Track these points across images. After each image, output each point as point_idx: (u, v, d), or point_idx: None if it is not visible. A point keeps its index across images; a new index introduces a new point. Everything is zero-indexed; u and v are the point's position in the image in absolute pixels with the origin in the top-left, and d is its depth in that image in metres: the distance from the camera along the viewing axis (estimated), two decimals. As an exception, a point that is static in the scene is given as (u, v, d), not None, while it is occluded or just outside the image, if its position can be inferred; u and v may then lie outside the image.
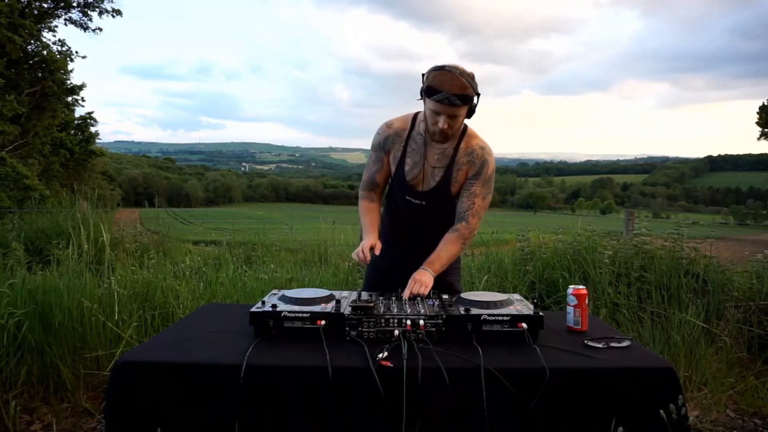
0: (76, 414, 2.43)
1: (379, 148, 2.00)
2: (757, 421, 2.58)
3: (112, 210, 6.18)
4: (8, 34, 13.94)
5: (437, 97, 1.73)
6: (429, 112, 1.81)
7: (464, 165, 1.92)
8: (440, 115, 1.77)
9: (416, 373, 1.34)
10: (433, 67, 1.78)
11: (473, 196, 1.93)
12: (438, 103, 1.74)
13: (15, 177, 13.95)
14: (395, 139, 1.96)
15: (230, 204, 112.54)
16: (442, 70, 1.75)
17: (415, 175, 1.94)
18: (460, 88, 1.72)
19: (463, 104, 1.75)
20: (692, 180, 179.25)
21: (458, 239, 1.93)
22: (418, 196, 1.97)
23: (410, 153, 1.94)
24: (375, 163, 2.02)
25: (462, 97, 1.73)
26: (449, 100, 1.73)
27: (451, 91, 1.72)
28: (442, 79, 1.73)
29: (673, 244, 3.67)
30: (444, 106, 1.74)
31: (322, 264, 4.80)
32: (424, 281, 1.79)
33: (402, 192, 1.99)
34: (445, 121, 1.77)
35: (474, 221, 1.94)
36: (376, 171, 2.02)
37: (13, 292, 2.69)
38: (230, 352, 1.45)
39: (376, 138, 1.99)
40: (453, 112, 1.76)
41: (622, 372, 1.42)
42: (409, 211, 2.00)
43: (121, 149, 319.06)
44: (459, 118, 1.80)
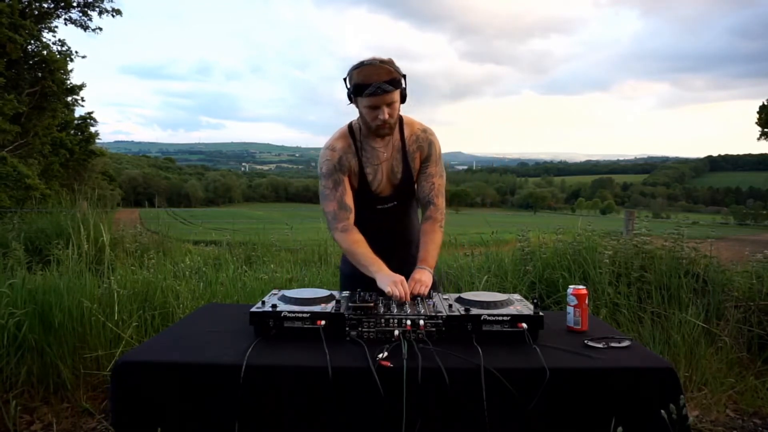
0: (76, 414, 2.43)
1: (335, 172, 1.89)
2: (757, 421, 2.58)
3: (112, 210, 6.18)
4: (9, 33, 13.94)
5: (369, 91, 1.73)
6: (366, 111, 1.80)
7: (415, 152, 1.95)
8: (378, 108, 1.77)
9: (416, 373, 1.34)
10: (352, 67, 1.78)
11: (431, 177, 1.97)
12: (372, 96, 1.74)
13: (16, 177, 13.95)
14: (347, 157, 1.91)
15: (230, 204, 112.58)
16: (361, 66, 1.76)
17: (380, 182, 1.94)
18: (387, 74, 1.73)
19: (395, 88, 1.76)
20: (692, 180, 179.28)
21: (434, 225, 1.96)
22: (388, 200, 1.97)
23: (366, 163, 1.92)
24: (335, 188, 1.90)
25: (391, 81, 1.74)
26: (381, 88, 1.73)
27: (379, 79, 1.72)
28: (365, 73, 1.74)
29: (673, 244, 3.67)
30: (378, 97, 1.74)
31: (322, 264, 4.80)
32: (423, 281, 1.79)
33: (372, 204, 1.96)
34: (385, 111, 1.77)
35: (439, 200, 1.97)
36: (342, 194, 1.90)
37: (13, 292, 2.69)
38: (230, 352, 1.45)
39: (326, 165, 1.90)
40: (388, 99, 1.76)
41: (622, 372, 1.42)
42: (381, 217, 1.99)
43: (121, 149, 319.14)
44: (396, 104, 1.80)
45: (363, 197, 1.95)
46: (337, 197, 1.90)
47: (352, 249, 1.88)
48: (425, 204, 1.98)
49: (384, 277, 1.76)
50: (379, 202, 1.97)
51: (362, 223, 1.95)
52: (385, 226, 1.99)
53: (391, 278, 1.74)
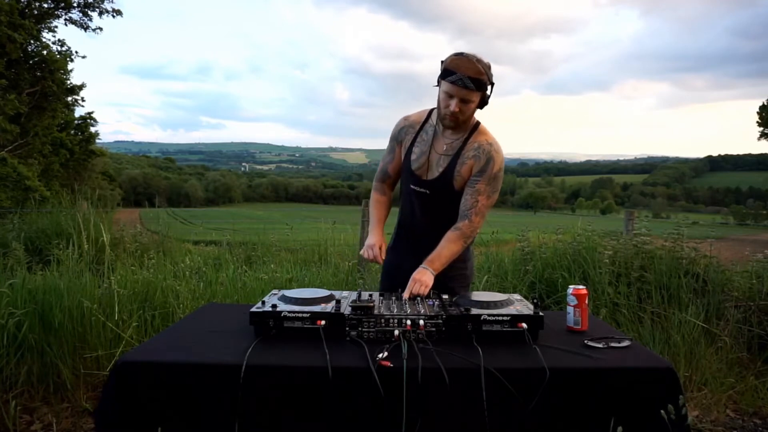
0: (76, 414, 2.43)
1: (393, 139, 2.05)
2: (757, 421, 2.58)
3: (112, 210, 6.17)
4: (9, 32, 13.93)
5: (452, 78, 1.76)
6: (442, 95, 1.83)
7: (469, 159, 1.90)
8: (453, 98, 1.79)
9: (416, 373, 1.34)
10: (453, 53, 1.82)
11: (477, 193, 1.90)
12: (452, 84, 1.77)
13: (16, 178, 13.95)
14: (408, 130, 2.00)
15: (230, 204, 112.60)
16: (460, 56, 1.79)
17: (421, 164, 1.96)
18: (475, 73, 1.75)
19: (476, 89, 1.77)
20: (692, 180, 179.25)
21: (459, 238, 1.90)
22: (422, 185, 1.98)
23: (419, 143, 1.97)
24: (388, 153, 2.08)
25: (476, 81, 1.75)
26: (463, 81, 1.75)
27: (466, 73, 1.75)
28: (459, 62, 1.77)
29: (673, 244, 3.67)
30: (457, 88, 1.76)
31: (322, 264, 4.80)
32: (424, 281, 1.79)
33: (408, 180, 2.02)
34: (457, 104, 1.78)
35: (477, 220, 1.91)
36: (389, 161, 2.07)
37: (13, 292, 2.69)
38: (230, 352, 1.45)
39: (393, 130, 2.05)
40: (466, 95, 1.78)
41: (622, 372, 1.42)
42: (414, 199, 2.02)
43: (121, 149, 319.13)
44: (471, 104, 1.81)
45: (404, 171, 2.03)
46: (385, 161, 2.10)
47: (370, 205, 2.13)
48: (462, 216, 1.91)
49: (368, 238, 1.98)
50: (414, 183, 2.00)
51: (404, 196, 2.08)
52: (415, 207, 2.03)
53: (370, 241, 1.95)
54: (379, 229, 2.02)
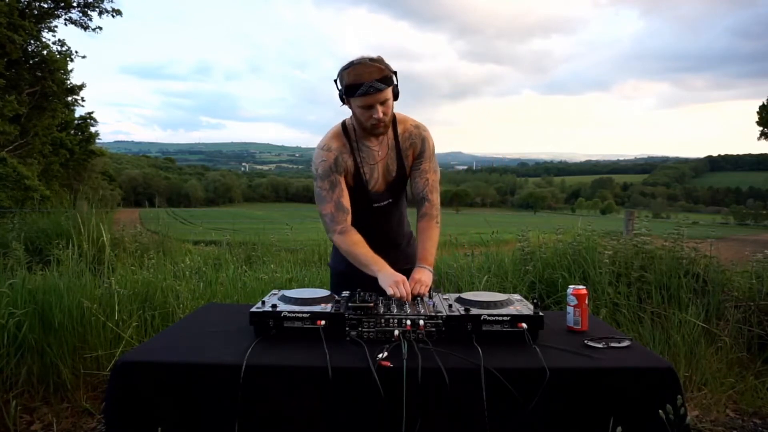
0: (76, 414, 2.43)
1: (331, 172, 1.87)
2: (757, 421, 2.58)
3: (112, 210, 6.17)
4: (8, 33, 13.93)
5: (362, 90, 1.72)
6: (359, 111, 1.78)
7: (409, 149, 1.94)
8: (372, 107, 1.75)
9: (416, 373, 1.34)
10: (343, 68, 1.77)
11: (425, 173, 1.95)
12: (365, 96, 1.73)
13: (16, 178, 13.95)
14: (343, 157, 1.89)
15: (230, 204, 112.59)
16: (352, 66, 1.74)
17: (376, 180, 1.94)
18: (378, 72, 1.72)
19: (387, 86, 1.75)
20: (692, 180, 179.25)
21: (431, 221, 1.94)
22: (383, 198, 1.97)
23: (362, 162, 1.91)
24: (332, 190, 1.88)
25: (383, 79, 1.73)
26: (374, 87, 1.71)
27: (371, 78, 1.71)
28: (357, 73, 1.72)
29: (673, 244, 3.67)
30: (371, 96, 1.73)
31: (322, 264, 4.80)
32: (423, 280, 1.79)
33: (368, 202, 1.96)
34: (379, 109, 1.76)
35: (434, 197, 1.96)
36: (339, 195, 1.88)
37: (13, 292, 2.69)
38: (230, 352, 1.45)
39: (322, 166, 1.87)
40: (382, 97, 1.75)
41: (622, 372, 1.42)
42: (377, 215, 1.99)
43: (121, 149, 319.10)
44: (389, 101, 1.79)
45: (359, 196, 1.93)
46: (334, 199, 1.88)
47: (352, 250, 1.85)
48: (420, 200, 1.95)
49: (386, 276, 1.75)
50: (375, 201, 1.96)
51: (357, 222, 1.93)
52: (380, 223, 1.99)
53: (393, 278, 1.72)
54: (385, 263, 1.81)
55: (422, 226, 1.94)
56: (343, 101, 1.81)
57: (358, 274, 1.85)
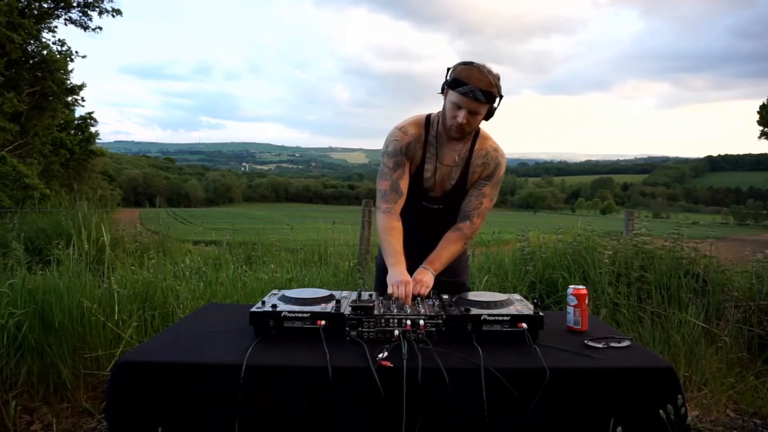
0: (76, 414, 2.43)
1: (400, 154, 1.88)
2: (757, 421, 2.58)
3: (112, 210, 6.18)
4: (8, 33, 13.93)
5: (462, 90, 1.72)
6: (450, 105, 1.78)
7: (479, 167, 1.90)
8: (461, 109, 1.75)
9: (416, 373, 1.34)
10: (462, 62, 1.78)
11: (482, 196, 1.92)
12: (462, 95, 1.73)
13: (15, 176, 13.95)
14: (415, 145, 1.89)
15: (230, 204, 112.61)
16: (470, 65, 1.75)
17: (434, 181, 1.92)
18: (487, 85, 1.72)
19: (486, 101, 1.74)
20: (692, 180, 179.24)
21: (460, 238, 1.92)
22: (435, 201, 1.94)
23: (429, 159, 1.89)
24: (395, 169, 1.88)
25: (486, 93, 1.72)
26: (474, 94, 1.71)
27: (478, 86, 1.71)
28: (469, 73, 1.73)
29: (673, 244, 3.67)
30: (467, 100, 1.73)
31: (322, 264, 4.80)
32: (424, 281, 1.79)
33: (419, 198, 1.94)
34: (465, 116, 1.75)
35: (478, 221, 1.93)
36: (399, 177, 1.89)
37: (13, 292, 2.69)
38: (230, 352, 1.45)
39: (394, 144, 1.88)
40: (475, 107, 1.74)
41: (622, 372, 1.42)
42: (424, 216, 1.97)
43: (121, 149, 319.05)
44: (479, 116, 1.79)
45: (413, 189, 1.93)
46: (393, 178, 1.89)
47: (385, 234, 1.87)
48: (463, 217, 1.93)
49: (394, 274, 1.76)
50: (426, 200, 1.95)
51: (407, 215, 1.94)
52: (426, 225, 1.97)
53: (399, 277, 1.73)
54: (403, 260, 1.81)
55: (450, 237, 1.92)
56: (442, 90, 1.81)
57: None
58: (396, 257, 1.81)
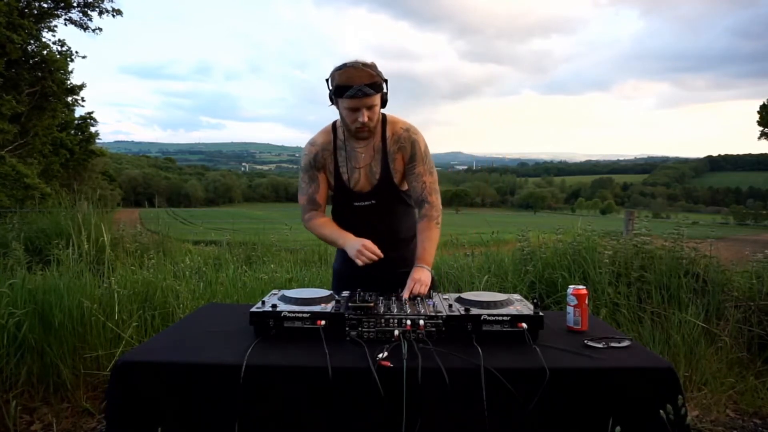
0: (76, 414, 2.43)
1: (310, 168, 1.97)
2: (757, 421, 2.58)
3: (112, 210, 6.18)
4: (8, 33, 13.92)
5: (350, 93, 1.75)
6: (346, 112, 1.82)
7: (397, 153, 1.94)
8: (358, 110, 1.79)
9: (416, 373, 1.34)
10: (335, 68, 1.80)
11: (420, 176, 1.95)
12: (352, 98, 1.76)
13: (15, 176, 13.94)
14: (324, 153, 1.95)
15: (230, 204, 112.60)
16: (344, 68, 1.77)
17: (357, 180, 1.95)
18: (369, 78, 1.76)
19: (375, 92, 1.78)
20: (692, 180, 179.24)
21: (430, 222, 1.95)
22: (365, 198, 1.97)
23: (342, 161, 1.94)
24: (310, 183, 1.99)
25: (372, 85, 1.76)
26: (362, 91, 1.75)
27: (361, 82, 1.74)
28: (348, 75, 1.76)
29: (673, 244, 3.67)
30: (359, 100, 1.76)
31: (322, 264, 4.80)
32: (423, 280, 1.80)
33: (349, 200, 1.97)
34: (364, 113, 1.79)
35: (434, 198, 1.96)
36: (314, 191, 1.99)
37: (13, 292, 2.69)
38: (230, 352, 1.45)
39: (305, 159, 1.97)
40: (368, 102, 1.78)
41: (622, 372, 1.42)
42: (361, 215, 1.99)
43: (121, 149, 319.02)
44: (376, 107, 1.82)
45: (341, 194, 1.98)
46: (309, 192, 1.99)
47: (319, 231, 1.97)
48: (419, 203, 1.97)
49: (349, 246, 1.83)
50: (357, 199, 1.97)
51: (345, 219, 1.99)
52: (365, 223, 1.99)
53: (356, 245, 1.80)
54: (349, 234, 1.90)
55: (422, 227, 1.95)
56: (332, 101, 1.84)
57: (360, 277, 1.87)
58: (342, 236, 1.90)
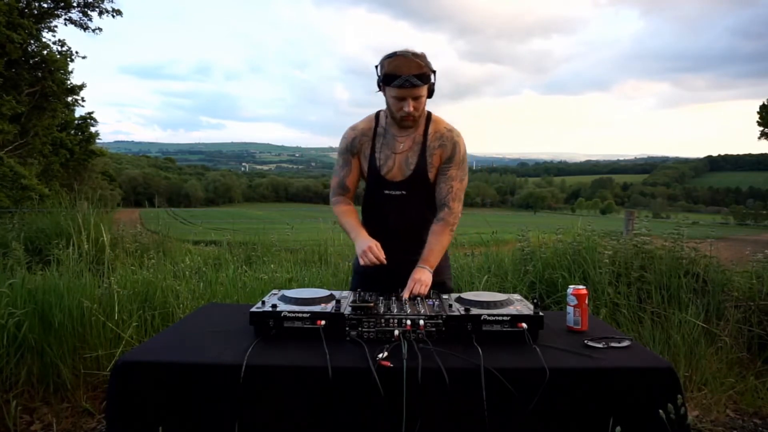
0: (76, 414, 2.43)
1: (346, 152, 2.01)
2: (757, 421, 2.58)
3: (112, 210, 6.17)
4: (8, 33, 13.92)
5: (397, 82, 1.77)
6: (392, 101, 1.84)
7: (436, 149, 1.94)
8: (404, 100, 1.81)
9: (416, 373, 1.34)
10: (385, 56, 1.82)
11: (450, 180, 1.96)
12: (399, 88, 1.78)
13: (12, 177, 13.94)
14: (362, 139, 1.98)
15: (230, 204, 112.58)
16: (394, 57, 1.79)
17: (390, 168, 1.95)
18: (417, 68, 1.77)
19: (423, 83, 1.79)
20: (692, 180, 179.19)
21: (445, 228, 1.95)
22: (396, 187, 1.97)
23: (380, 148, 1.96)
24: (343, 167, 2.02)
25: (420, 76, 1.78)
26: (410, 82, 1.77)
27: (409, 72, 1.76)
28: (397, 64, 1.77)
29: (673, 244, 3.67)
30: (406, 90, 1.78)
31: (322, 264, 4.80)
32: (423, 280, 1.80)
33: (380, 187, 1.98)
34: (410, 103, 1.81)
35: (455, 205, 1.96)
36: (345, 175, 2.02)
37: (13, 292, 2.69)
38: (230, 352, 1.45)
39: (343, 142, 2.01)
40: (415, 93, 1.80)
41: (622, 372, 1.42)
42: (390, 204, 1.99)
43: (121, 149, 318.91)
44: (422, 99, 1.84)
45: (373, 179, 1.99)
46: (341, 175, 2.03)
47: (340, 218, 2.02)
48: (440, 206, 1.97)
49: (358, 245, 1.86)
50: (387, 187, 1.97)
51: (374, 206, 2.02)
52: (391, 212, 1.99)
53: (363, 246, 1.82)
54: (363, 231, 1.94)
55: (435, 230, 1.95)
56: (379, 88, 1.86)
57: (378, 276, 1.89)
58: (355, 230, 1.94)
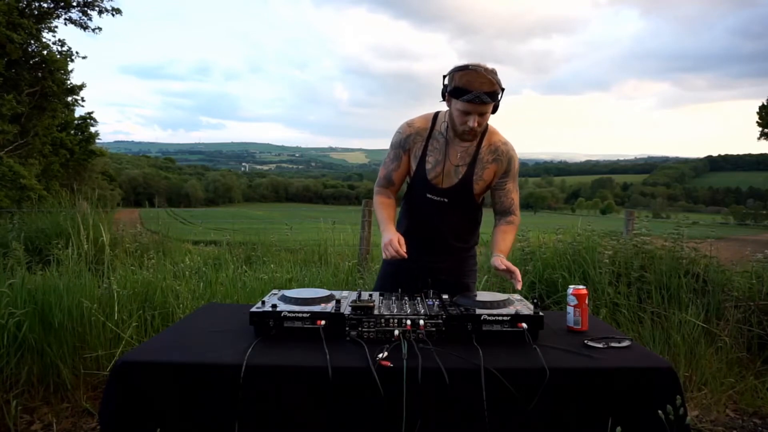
0: (76, 414, 2.43)
1: (398, 146, 1.99)
2: (757, 421, 2.58)
3: (112, 210, 6.16)
4: (8, 33, 13.92)
5: (468, 97, 1.74)
6: (457, 113, 1.81)
7: (490, 163, 1.93)
8: (470, 115, 1.78)
9: (416, 373, 1.34)
10: (457, 68, 1.78)
11: (510, 192, 1.99)
12: (468, 103, 1.75)
13: (11, 177, 13.94)
14: (416, 138, 1.96)
15: (230, 204, 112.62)
16: (467, 70, 1.75)
17: (438, 173, 1.94)
18: (489, 86, 1.74)
19: (492, 101, 1.77)
20: (692, 180, 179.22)
21: (514, 227, 2.00)
22: (439, 194, 1.96)
23: (431, 151, 1.94)
24: (393, 161, 2.01)
25: (491, 94, 1.75)
26: (480, 98, 1.74)
27: (481, 89, 1.73)
28: (469, 78, 1.74)
29: (673, 244, 3.67)
30: (474, 105, 1.76)
31: (322, 264, 4.79)
32: (511, 267, 1.81)
33: (423, 190, 1.98)
34: (475, 119, 1.79)
35: (518, 212, 2.03)
36: (394, 169, 2.01)
37: (13, 292, 2.69)
38: (230, 352, 1.45)
39: (397, 136, 1.98)
40: (482, 109, 1.78)
41: (622, 372, 1.42)
42: (430, 208, 1.99)
43: (121, 149, 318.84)
44: (487, 115, 1.82)
45: (418, 180, 1.98)
46: (389, 168, 2.02)
47: (376, 209, 2.02)
48: (505, 214, 2.02)
49: (385, 236, 1.87)
50: (431, 192, 1.97)
51: (414, 207, 2.04)
52: (431, 217, 2.00)
53: (385, 240, 1.83)
54: (392, 225, 1.95)
55: (505, 228, 1.99)
56: (444, 97, 1.84)
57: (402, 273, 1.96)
58: (384, 223, 1.95)
